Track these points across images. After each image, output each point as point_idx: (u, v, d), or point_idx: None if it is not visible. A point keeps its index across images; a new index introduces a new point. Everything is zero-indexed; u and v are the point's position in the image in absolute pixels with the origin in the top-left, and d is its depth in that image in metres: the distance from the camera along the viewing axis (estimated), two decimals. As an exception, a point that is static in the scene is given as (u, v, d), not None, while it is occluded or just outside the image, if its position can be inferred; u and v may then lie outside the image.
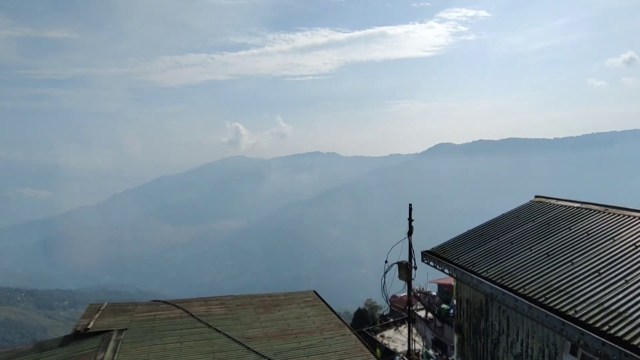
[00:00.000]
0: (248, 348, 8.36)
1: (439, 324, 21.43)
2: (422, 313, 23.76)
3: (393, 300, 28.92)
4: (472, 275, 9.75)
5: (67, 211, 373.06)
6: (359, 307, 42.18)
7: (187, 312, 10.10)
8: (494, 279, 9.16)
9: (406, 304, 15.79)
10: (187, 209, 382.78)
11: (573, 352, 7.48)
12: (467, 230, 12.25)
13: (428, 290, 24.49)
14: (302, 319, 10.19)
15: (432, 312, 22.22)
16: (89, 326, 8.96)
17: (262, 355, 8.07)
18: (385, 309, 34.57)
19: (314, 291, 12.31)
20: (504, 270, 9.38)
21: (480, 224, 12.43)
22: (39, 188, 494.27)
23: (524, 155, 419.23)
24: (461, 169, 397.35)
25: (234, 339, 8.74)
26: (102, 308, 10.19)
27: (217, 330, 9.13)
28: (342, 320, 10.23)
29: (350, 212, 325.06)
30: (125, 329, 8.97)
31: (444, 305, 21.49)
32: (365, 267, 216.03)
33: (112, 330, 8.81)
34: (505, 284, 8.78)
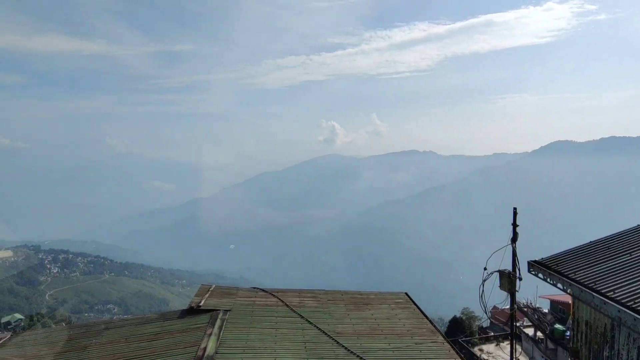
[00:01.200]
0: (337, 342, 8.54)
1: (551, 345, 19.01)
2: (529, 331, 21.36)
3: (494, 312, 26.57)
4: (595, 294, 8.42)
5: (185, 202, 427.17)
6: (455, 316, 39.84)
7: (282, 301, 10.73)
8: (623, 301, 7.77)
9: (509, 318, 14.38)
10: (285, 205, 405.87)
11: None
12: (588, 241, 10.60)
13: (537, 305, 21.88)
14: (392, 320, 10.01)
15: (543, 331, 19.80)
16: (201, 304, 10.15)
17: (351, 352, 8.16)
18: (484, 321, 31.98)
19: (406, 293, 12.00)
20: (637, 292, 7.89)
21: (606, 235, 10.64)
22: (165, 181, 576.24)
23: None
24: (583, 171, 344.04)
25: (324, 332, 9.01)
26: (211, 289, 11.44)
27: (309, 322, 9.51)
28: (434, 326, 9.78)
29: (448, 213, 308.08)
30: (229, 310, 9.93)
31: (558, 325, 18.98)
32: (463, 272, 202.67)
33: (219, 310, 9.83)
34: (639, 308, 7.38)
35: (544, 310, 21.52)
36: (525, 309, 21.60)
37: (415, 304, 11.12)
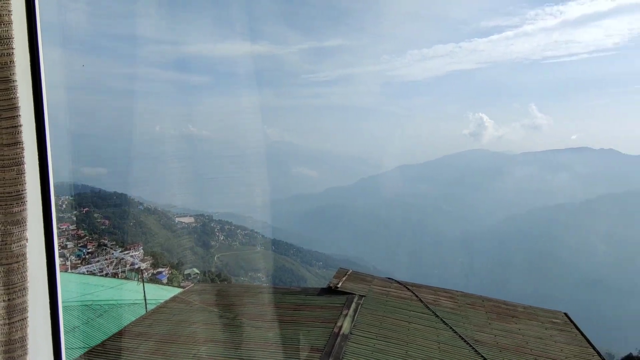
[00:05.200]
0: (476, 351, 7.96)
1: None
2: None
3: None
4: None
5: (325, 189, 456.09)
6: (631, 353, 32.41)
7: (417, 296, 10.54)
8: None
9: None
10: (423, 199, 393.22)
11: None
12: None
13: None
14: (546, 341, 8.77)
15: None
16: (339, 285, 10.79)
17: (492, 364, 7.50)
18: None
19: (565, 313, 10.33)
20: None
21: None
22: (309, 168, 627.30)
23: None
24: None
25: (461, 337, 8.51)
26: (348, 273, 12.03)
27: (444, 322, 9.11)
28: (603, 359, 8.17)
29: (636, 227, 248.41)
30: (364, 296, 10.28)
31: None
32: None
33: (354, 294, 10.29)
34: None
35: None
36: None
37: (578, 329, 9.49)
